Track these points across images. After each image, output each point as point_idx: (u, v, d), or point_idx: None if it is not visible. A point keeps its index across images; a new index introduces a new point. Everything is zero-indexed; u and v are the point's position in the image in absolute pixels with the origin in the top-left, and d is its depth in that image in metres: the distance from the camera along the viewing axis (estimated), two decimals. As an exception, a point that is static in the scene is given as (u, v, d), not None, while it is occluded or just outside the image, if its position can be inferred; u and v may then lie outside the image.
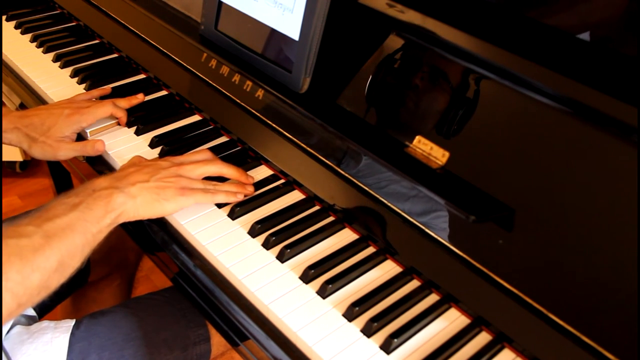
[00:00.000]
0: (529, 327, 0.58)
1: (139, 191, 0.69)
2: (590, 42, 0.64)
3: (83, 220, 0.63)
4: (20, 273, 0.56)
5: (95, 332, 0.77)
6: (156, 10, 1.02)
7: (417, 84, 0.73)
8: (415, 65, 0.74)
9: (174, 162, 0.76)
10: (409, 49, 0.74)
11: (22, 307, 0.58)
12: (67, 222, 0.62)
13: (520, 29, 0.70)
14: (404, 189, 0.69)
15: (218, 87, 0.89)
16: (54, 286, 0.61)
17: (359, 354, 0.59)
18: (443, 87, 0.71)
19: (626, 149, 0.57)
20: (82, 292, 1.10)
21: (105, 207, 0.66)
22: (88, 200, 0.65)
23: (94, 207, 0.65)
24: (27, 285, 0.57)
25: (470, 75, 0.68)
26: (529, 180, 0.62)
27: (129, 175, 0.71)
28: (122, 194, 0.68)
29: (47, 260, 0.59)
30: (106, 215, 0.66)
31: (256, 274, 0.67)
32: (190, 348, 0.80)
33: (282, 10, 0.80)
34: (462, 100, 0.69)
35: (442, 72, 0.71)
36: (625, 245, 0.55)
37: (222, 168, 0.77)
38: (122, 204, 0.67)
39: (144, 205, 0.69)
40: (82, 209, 0.64)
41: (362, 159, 0.72)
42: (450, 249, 0.64)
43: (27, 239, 0.58)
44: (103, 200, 0.66)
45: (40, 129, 0.84)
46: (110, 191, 0.67)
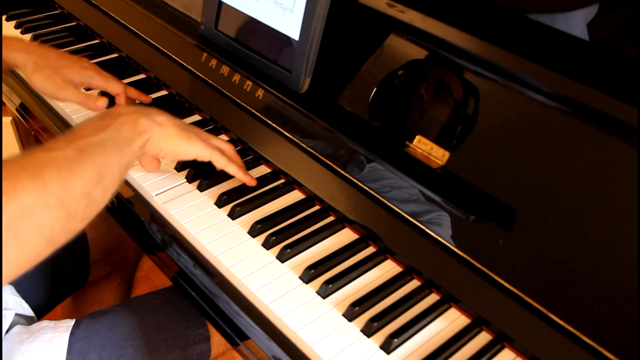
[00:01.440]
0: (529, 327, 0.58)
1: (166, 122, 0.69)
2: (590, 42, 0.64)
3: (114, 140, 0.61)
4: (58, 179, 0.52)
5: (95, 332, 0.77)
6: (156, 10, 1.02)
7: (417, 83, 0.73)
8: (415, 64, 0.74)
9: None
10: (408, 49, 0.74)
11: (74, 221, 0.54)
12: (98, 140, 0.59)
13: (520, 29, 0.70)
14: (403, 189, 0.69)
15: (218, 87, 0.89)
16: (100, 203, 0.58)
17: (359, 353, 0.59)
18: (443, 87, 0.71)
19: (626, 149, 0.57)
20: (82, 292, 1.10)
21: (134, 130, 0.64)
22: (115, 123, 0.63)
23: (122, 129, 0.63)
24: (70, 191, 0.53)
25: (471, 75, 0.68)
26: (529, 180, 0.62)
27: (153, 110, 0.70)
28: (149, 119, 0.67)
29: (85, 169, 0.55)
30: (136, 138, 0.64)
31: (256, 273, 0.67)
32: (190, 347, 0.80)
33: (282, 10, 0.80)
34: (462, 100, 0.69)
35: (442, 72, 0.71)
36: (625, 245, 0.55)
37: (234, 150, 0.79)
38: (149, 128, 0.66)
39: (167, 137, 0.69)
40: (111, 131, 0.62)
41: (362, 159, 0.72)
42: (450, 248, 0.64)
43: (60, 151, 0.55)
44: (130, 123, 0.64)
45: (53, 63, 0.83)
46: (137, 115, 0.66)
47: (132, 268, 1.17)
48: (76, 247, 0.97)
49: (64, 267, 0.95)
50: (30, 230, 0.49)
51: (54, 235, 0.52)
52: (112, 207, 0.83)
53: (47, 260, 0.89)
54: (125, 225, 0.83)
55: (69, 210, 0.53)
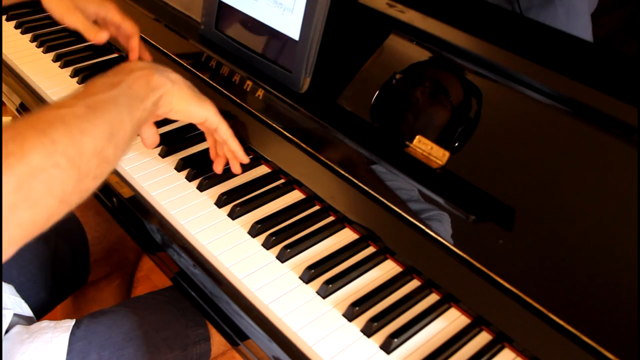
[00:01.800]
0: (529, 327, 0.58)
1: (179, 80, 0.69)
2: (591, 42, 0.65)
3: (126, 96, 0.60)
4: (67, 136, 0.51)
5: (95, 332, 0.77)
6: (156, 10, 1.02)
7: (417, 83, 0.73)
8: (415, 64, 0.74)
9: None
10: (409, 49, 0.74)
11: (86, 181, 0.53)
12: (109, 96, 0.58)
13: (520, 29, 0.70)
14: (404, 189, 0.69)
15: (218, 87, 0.89)
16: (111, 159, 0.56)
17: (359, 353, 0.59)
18: (443, 87, 0.71)
19: (626, 149, 0.57)
20: (82, 292, 1.10)
21: (147, 86, 0.63)
22: (128, 79, 0.62)
23: (134, 86, 0.62)
24: (79, 149, 0.52)
25: (470, 75, 0.68)
26: (529, 180, 0.62)
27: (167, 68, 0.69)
28: (162, 76, 0.66)
29: (95, 126, 0.54)
30: (149, 95, 0.63)
31: (256, 273, 0.67)
32: (190, 347, 0.80)
33: (282, 10, 0.80)
34: (462, 100, 0.69)
35: (442, 72, 0.71)
36: (625, 245, 0.55)
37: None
38: (162, 85, 0.66)
39: (180, 96, 0.68)
40: (124, 87, 0.61)
41: (363, 159, 0.72)
42: (450, 248, 0.64)
43: (68, 108, 0.53)
44: (143, 79, 0.63)
45: None
46: (150, 71, 0.65)
47: (132, 268, 1.17)
48: (76, 247, 0.97)
49: (64, 267, 0.95)
50: (41, 190, 0.48)
51: (66, 194, 0.50)
52: (112, 207, 0.83)
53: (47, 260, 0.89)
54: (125, 225, 0.83)
55: (80, 168, 0.51)
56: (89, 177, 0.53)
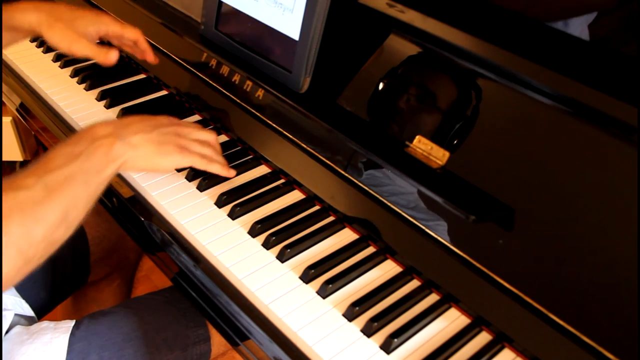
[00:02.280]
0: (529, 327, 0.58)
1: (141, 142, 0.69)
2: (591, 42, 0.64)
3: (84, 171, 0.62)
4: (22, 226, 0.54)
5: (95, 332, 0.77)
6: (156, 10, 1.02)
7: (417, 83, 0.73)
8: (415, 65, 0.74)
9: (174, 122, 0.76)
10: (408, 49, 0.74)
11: (31, 264, 0.56)
12: (68, 173, 0.60)
13: (520, 29, 0.70)
14: (403, 189, 0.69)
15: (218, 87, 0.89)
16: (60, 240, 0.60)
17: (359, 353, 0.59)
18: (443, 87, 0.71)
19: (626, 149, 0.57)
20: (82, 292, 1.10)
21: (106, 157, 0.65)
22: (89, 150, 0.64)
23: (94, 157, 0.63)
24: (30, 239, 0.55)
25: (470, 75, 0.68)
26: (529, 180, 0.62)
27: (131, 124, 0.70)
28: (123, 143, 0.67)
29: (50, 213, 0.57)
30: (107, 166, 0.65)
31: (256, 273, 0.67)
32: (190, 348, 0.80)
33: (282, 10, 0.80)
34: (462, 100, 0.69)
35: (442, 71, 0.71)
36: (625, 245, 0.55)
37: (215, 143, 0.79)
38: (122, 154, 0.66)
39: (144, 157, 0.69)
40: (83, 160, 0.62)
41: (362, 159, 0.72)
42: (450, 248, 0.64)
43: (27, 191, 0.56)
44: (104, 149, 0.65)
45: (65, 15, 0.83)
46: (112, 140, 0.66)
47: (132, 268, 1.17)
48: (76, 247, 0.97)
49: (64, 267, 0.95)
50: None
51: (8, 278, 0.54)
52: (112, 207, 0.83)
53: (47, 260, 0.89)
54: (125, 225, 0.83)
55: (28, 255, 0.55)
56: (34, 260, 0.56)
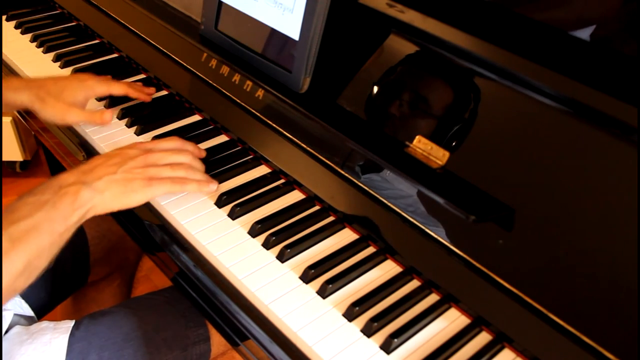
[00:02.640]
0: (529, 327, 0.58)
1: (107, 185, 0.68)
2: (591, 42, 0.64)
3: (49, 220, 0.62)
4: None
5: (95, 332, 0.77)
6: (156, 10, 1.02)
7: (417, 83, 0.73)
8: (415, 65, 0.74)
9: (143, 150, 0.75)
10: (408, 49, 0.74)
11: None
12: (32, 223, 0.61)
13: (520, 29, 0.70)
14: (403, 189, 0.69)
15: (218, 87, 0.89)
16: (21, 288, 0.61)
17: (359, 354, 0.59)
18: (443, 87, 0.71)
19: (626, 149, 0.57)
20: (82, 292, 1.10)
21: (72, 205, 0.65)
22: (54, 199, 0.64)
23: (60, 206, 0.64)
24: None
25: (471, 75, 0.68)
26: (529, 180, 0.62)
27: (95, 168, 0.70)
28: (89, 190, 0.67)
29: (13, 264, 0.58)
30: (73, 213, 0.65)
31: (256, 273, 0.67)
32: (190, 348, 0.80)
33: (282, 10, 0.80)
34: (462, 100, 0.69)
35: (442, 71, 0.71)
36: (625, 245, 0.55)
37: (192, 161, 0.77)
38: (89, 200, 0.66)
39: (112, 199, 0.68)
40: (48, 209, 0.63)
41: (362, 159, 0.72)
42: (450, 248, 0.64)
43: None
44: (70, 197, 0.65)
45: (53, 89, 0.84)
46: (77, 187, 0.66)
47: (132, 268, 1.17)
48: (76, 247, 0.97)
49: (64, 267, 0.95)
50: None
51: None
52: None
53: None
54: (125, 225, 0.83)
55: None
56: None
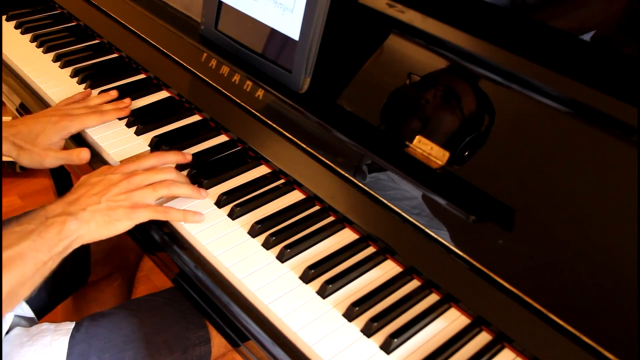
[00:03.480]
0: (529, 327, 0.58)
1: (91, 215, 0.69)
2: (591, 42, 0.64)
3: (34, 249, 0.63)
4: None
5: (95, 334, 0.77)
6: (156, 10, 1.02)
7: (417, 83, 0.73)
8: (414, 65, 0.73)
9: (125, 173, 0.74)
10: (408, 49, 0.74)
11: None
12: (18, 252, 0.62)
13: (521, 30, 0.70)
14: (403, 189, 0.69)
15: (218, 87, 0.89)
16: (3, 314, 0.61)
17: (359, 354, 0.59)
18: (443, 87, 0.71)
19: (626, 149, 0.57)
20: (83, 292, 1.10)
21: (59, 235, 0.66)
22: (40, 228, 0.65)
23: (46, 236, 0.65)
24: None
25: (470, 75, 0.68)
26: (529, 180, 0.62)
27: (80, 198, 0.71)
28: (76, 221, 0.68)
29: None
30: (59, 243, 0.66)
31: (256, 274, 0.67)
32: (191, 350, 0.80)
33: (282, 10, 0.80)
34: (462, 100, 0.69)
35: (442, 72, 0.71)
36: (625, 245, 0.55)
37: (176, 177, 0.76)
38: (75, 231, 0.67)
39: (97, 229, 0.69)
40: (34, 238, 0.64)
41: (362, 159, 0.72)
42: (450, 248, 0.64)
43: None
44: (56, 227, 0.66)
45: (28, 137, 0.83)
46: (64, 218, 0.67)
47: (133, 268, 1.17)
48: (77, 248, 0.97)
49: (65, 268, 0.94)
50: None
51: None
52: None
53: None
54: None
55: None
56: None
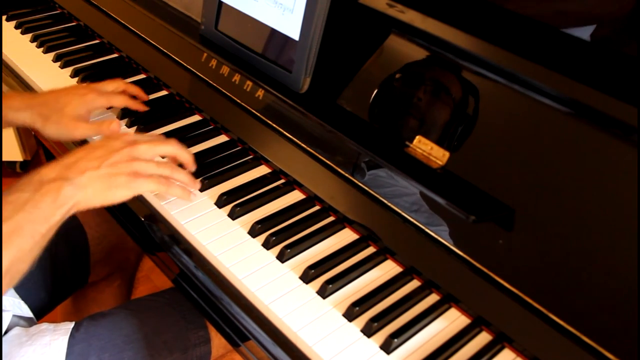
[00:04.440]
0: (529, 327, 0.58)
1: (89, 181, 0.66)
2: (591, 42, 0.64)
3: (31, 221, 0.61)
4: None
5: (95, 334, 0.77)
6: (156, 10, 1.02)
7: (417, 83, 0.73)
8: (415, 65, 0.74)
9: (127, 141, 0.72)
10: (408, 49, 0.74)
11: None
12: (13, 226, 0.59)
13: (520, 29, 0.70)
14: (403, 189, 0.69)
15: (218, 87, 0.89)
16: (4, 290, 0.59)
17: (359, 354, 0.59)
18: (443, 87, 0.71)
19: (626, 149, 0.57)
20: (83, 293, 1.10)
21: (54, 203, 0.63)
22: (35, 197, 0.62)
23: (41, 205, 0.62)
24: None
25: (470, 75, 0.68)
26: (529, 180, 0.62)
27: (78, 161, 0.67)
28: (72, 186, 0.64)
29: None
30: (56, 212, 0.63)
31: (256, 274, 0.67)
32: (190, 350, 0.80)
33: (282, 10, 0.80)
34: (462, 100, 0.69)
35: (442, 72, 0.71)
36: (625, 245, 0.55)
37: (178, 150, 0.75)
38: (71, 197, 0.64)
39: (95, 195, 0.66)
40: (29, 209, 0.61)
41: (363, 159, 0.72)
42: (450, 248, 0.64)
43: None
44: (51, 195, 0.63)
45: (55, 106, 0.83)
46: (59, 184, 0.64)
47: (133, 269, 1.17)
48: (76, 248, 0.97)
49: (64, 268, 0.95)
50: None
51: None
52: (112, 207, 0.83)
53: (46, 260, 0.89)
54: (125, 225, 0.83)
55: None
56: None
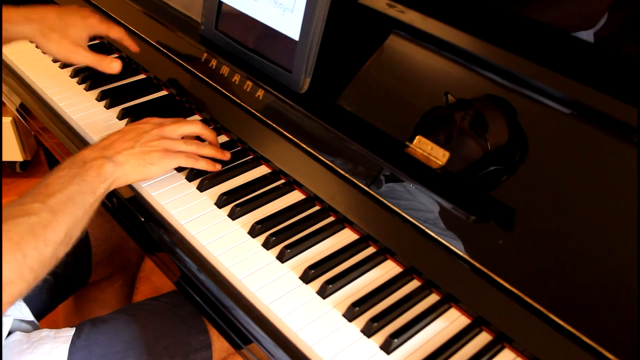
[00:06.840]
0: (529, 327, 0.58)
1: (126, 158, 0.73)
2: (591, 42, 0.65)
3: (80, 192, 0.67)
4: (36, 249, 0.60)
5: (96, 341, 0.76)
6: (156, 10, 1.02)
7: (417, 83, 0.73)
8: (414, 64, 0.74)
9: (155, 124, 0.79)
10: (408, 49, 0.74)
11: (37, 281, 0.61)
12: (67, 195, 0.65)
13: (521, 29, 0.70)
14: (403, 189, 0.69)
15: (218, 87, 0.89)
16: (62, 256, 0.64)
17: (359, 354, 0.59)
18: (443, 87, 0.71)
19: (626, 149, 0.57)
20: (84, 293, 1.09)
21: (98, 177, 0.70)
22: (81, 172, 0.69)
23: (88, 179, 0.68)
24: (42, 259, 0.61)
25: (470, 75, 0.68)
26: (529, 180, 0.62)
27: (114, 143, 0.74)
28: (111, 163, 0.71)
29: (57, 234, 0.62)
30: (100, 185, 0.70)
31: (256, 274, 0.67)
32: (192, 355, 0.80)
33: (282, 10, 0.80)
34: (462, 100, 0.69)
35: (442, 72, 0.71)
36: (625, 245, 0.55)
37: (202, 129, 0.82)
38: (112, 173, 0.71)
39: (132, 171, 0.73)
40: (78, 182, 0.67)
41: (362, 159, 0.72)
42: (450, 249, 0.64)
43: (36, 216, 0.61)
44: (95, 170, 0.70)
45: (59, 25, 0.84)
46: (101, 161, 0.71)
47: (134, 269, 1.17)
48: (78, 248, 0.97)
49: (65, 268, 0.95)
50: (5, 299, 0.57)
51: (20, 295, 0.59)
52: (112, 208, 0.83)
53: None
54: (125, 225, 0.83)
55: (37, 275, 0.61)
56: (40, 277, 0.61)
